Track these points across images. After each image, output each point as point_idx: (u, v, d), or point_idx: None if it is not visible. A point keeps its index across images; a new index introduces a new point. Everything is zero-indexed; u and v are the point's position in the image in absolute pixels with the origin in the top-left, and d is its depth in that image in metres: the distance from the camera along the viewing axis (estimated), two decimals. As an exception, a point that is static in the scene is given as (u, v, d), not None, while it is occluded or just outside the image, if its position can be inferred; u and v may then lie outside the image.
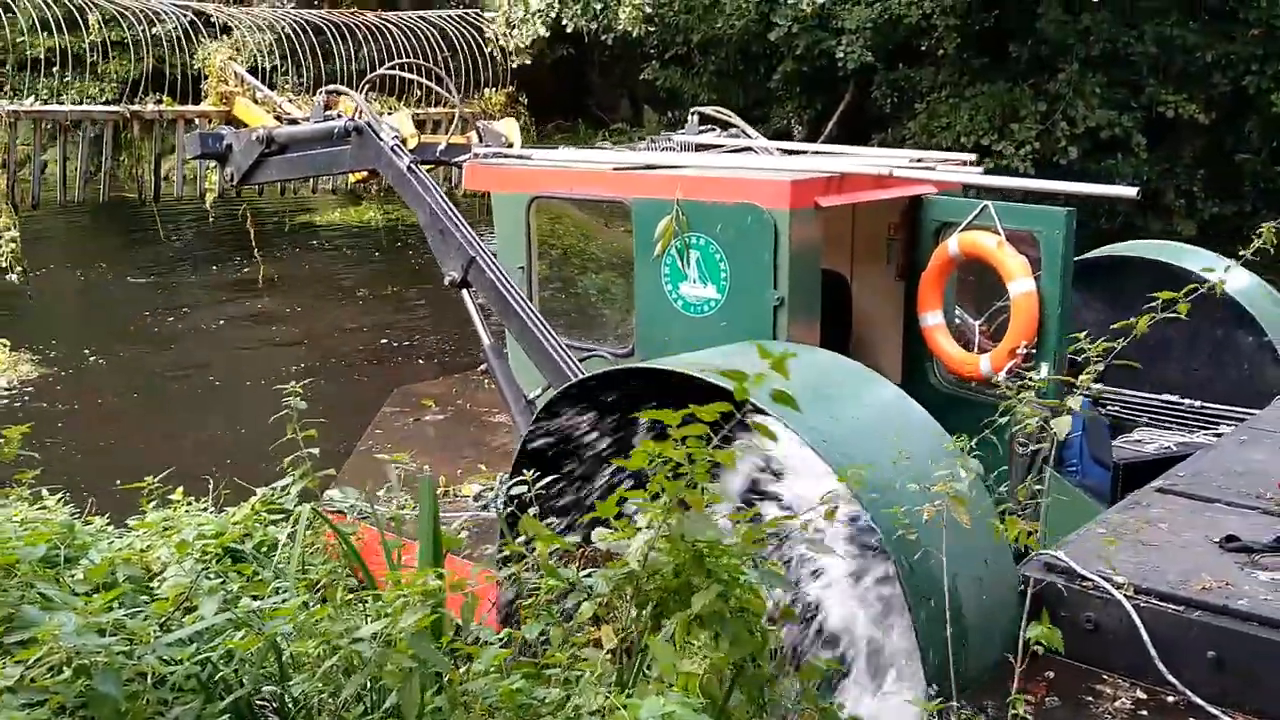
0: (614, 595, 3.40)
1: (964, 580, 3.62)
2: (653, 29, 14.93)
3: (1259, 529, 4.16)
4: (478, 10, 23.65)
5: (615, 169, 6.12)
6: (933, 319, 5.73)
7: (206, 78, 12.79)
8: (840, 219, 6.31)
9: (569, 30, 14.48)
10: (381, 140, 6.81)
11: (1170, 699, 3.53)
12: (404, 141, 7.16)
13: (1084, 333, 4.33)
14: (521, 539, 3.60)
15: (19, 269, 11.82)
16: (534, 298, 6.42)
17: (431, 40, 14.60)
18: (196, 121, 12.29)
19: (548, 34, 13.92)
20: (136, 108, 12.23)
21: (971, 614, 3.64)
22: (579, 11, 13.60)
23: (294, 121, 8.06)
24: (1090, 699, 3.59)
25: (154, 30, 13.79)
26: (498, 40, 14.72)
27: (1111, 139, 17.41)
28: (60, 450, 9.76)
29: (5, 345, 12.89)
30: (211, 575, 3.74)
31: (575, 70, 25.55)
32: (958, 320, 6.28)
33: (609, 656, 3.22)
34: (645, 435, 4.48)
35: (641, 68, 23.10)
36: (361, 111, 7.08)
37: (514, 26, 13.97)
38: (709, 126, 7.54)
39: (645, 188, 5.78)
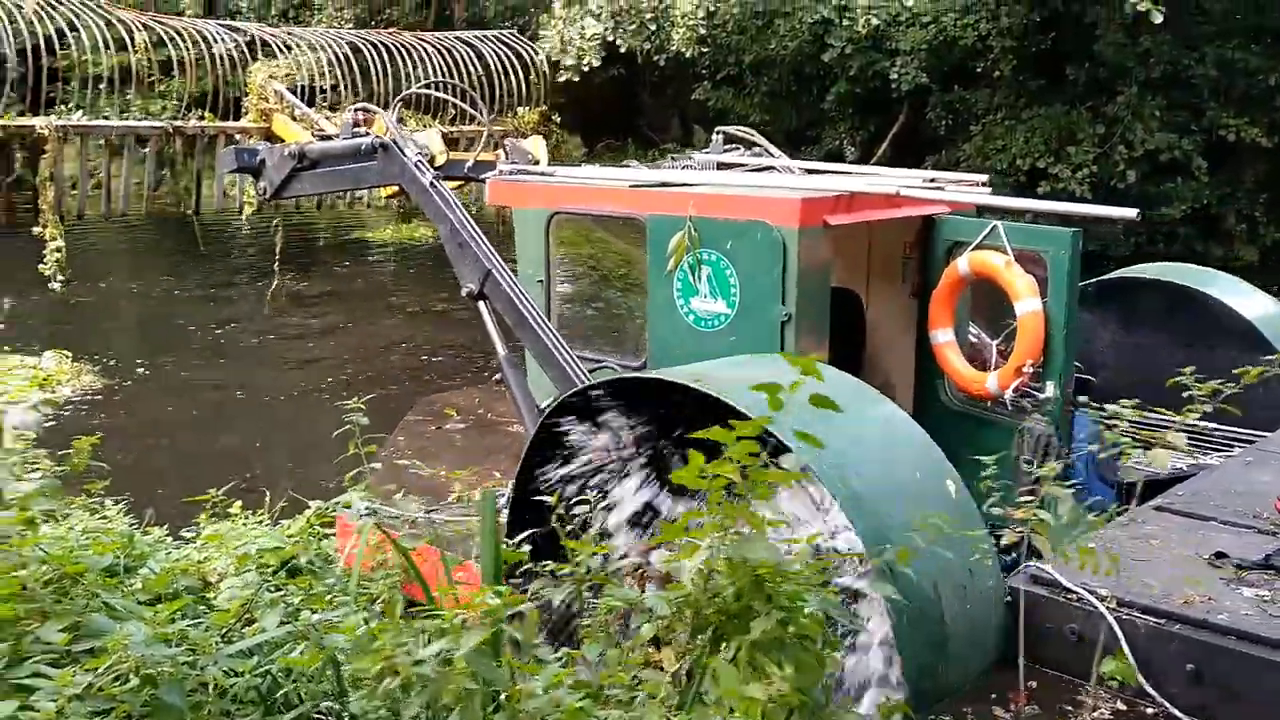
0: (674, 618, 3.37)
1: (946, 589, 3.65)
2: (705, 50, 14.96)
3: (1250, 547, 4.21)
4: (515, 32, 24.07)
5: (631, 186, 6.24)
6: (943, 337, 5.78)
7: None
8: (856, 238, 6.37)
9: (622, 50, 14.53)
10: (405, 156, 7.02)
11: (1149, 710, 3.57)
12: (433, 158, 7.40)
13: (1190, 369, 4.31)
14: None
15: (60, 278, 11.95)
16: (552, 311, 6.56)
17: (468, 60, 14.82)
18: (238, 137, 12.53)
19: (603, 54, 13.95)
20: (180, 123, 12.50)
21: (954, 622, 3.68)
22: (633, 32, 13.62)
23: (327, 138, 8.17)
24: (1070, 708, 3.62)
25: (214, 50, 14.11)
26: (550, 59, 14.81)
27: (1171, 162, 17.17)
28: (116, 459, 9.89)
29: (67, 356, 13.11)
30: (271, 588, 3.75)
31: (626, 90, 25.67)
32: (974, 339, 6.32)
33: (669, 679, 3.19)
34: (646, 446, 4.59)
35: (693, 88, 23.13)
36: (388, 129, 7.31)
37: (568, 46, 14.03)
38: (733, 146, 7.68)
39: (659, 204, 5.90)
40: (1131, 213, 5.44)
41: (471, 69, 14.86)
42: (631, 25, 13.55)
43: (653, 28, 13.63)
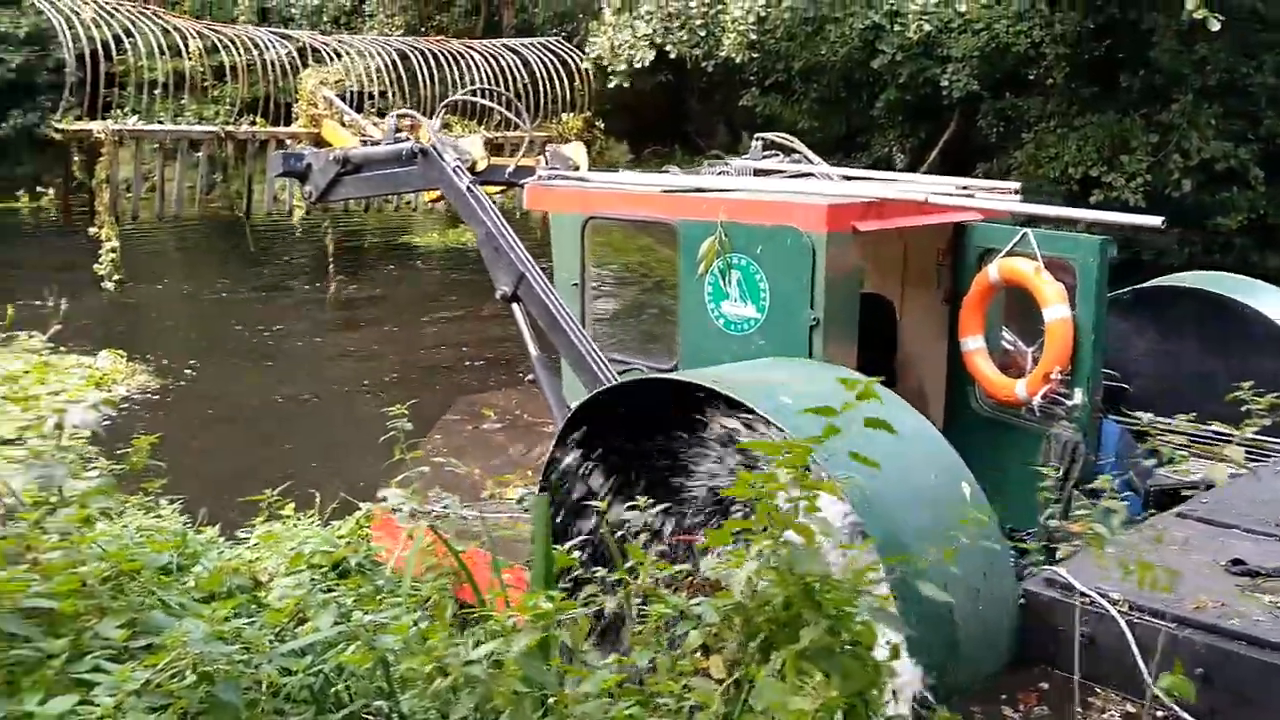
0: (723, 625, 3.36)
1: (958, 591, 3.66)
2: (755, 55, 14.93)
3: (1270, 555, 4.21)
4: (563, 39, 24.20)
5: (663, 191, 6.34)
6: (973, 343, 5.79)
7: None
8: (890, 244, 6.41)
9: (672, 56, 14.54)
10: (444, 162, 7.20)
11: (1159, 714, 3.58)
12: (475, 164, 7.55)
13: (1248, 384, 4.26)
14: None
15: (116, 277, 12.16)
16: (587, 314, 6.65)
17: (514, 67, 14.94)
18: (288, 142, 12.69)
19: (653, 57, 13.97)
20: (231, 128, 12.69)
21: (966, 623, 3.73)
22: (684, 37, 13.63)
23: (373, 143, 8.28)
24: (1079, 710, 3.64)
25: (265, 56, 14.32)
26: (599, 64, 14.86)
27: (1227, 171, 16.91)
28: (170, 459, 10.02)
29: (122, 356, 13.33)
30: (323, 589, 3.78)
31: (674, 96, 25.68)
32: (1010, 345, 6.31)
33: (719, 687, 3.18)
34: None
35: (741, 94, 23.10)
36: (429, 135, 7.51)
37: (618, 51, 14.06)
38: (773, 152, 7.71)
39: (691, 210, 5.97)
40: (1157, 220, 5.42)
41: (517, 75, 14.99)
42: (681, 31, 13.55)
43: (702, 33, 13.62)
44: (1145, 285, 7.00)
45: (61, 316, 11.32)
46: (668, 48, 13.97)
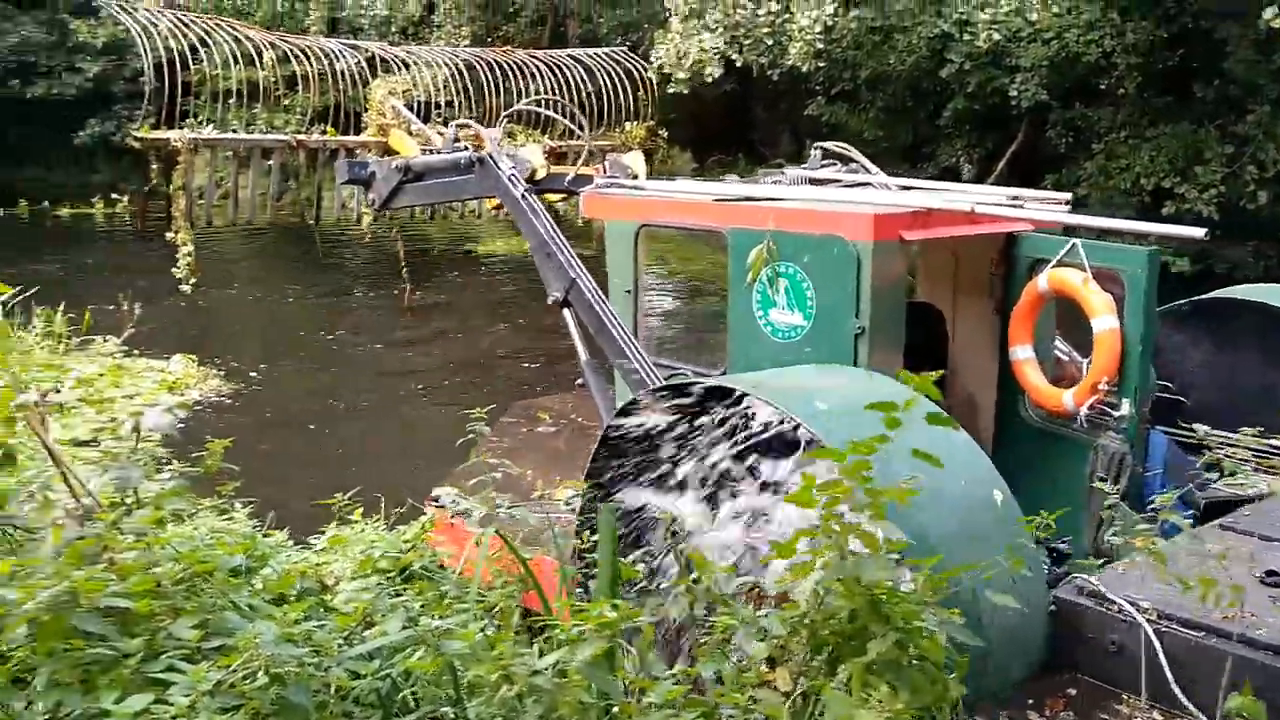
0: (789, 637, 3.34)
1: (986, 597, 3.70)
2: (821, 64, 14.87)
3: None
4: (627, 48, 24.31)
5: (714, 200, 6.39)
6: (1022, 353, 5.79)
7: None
8: (943, 254, 6.49)
9: (738, 64, 14.53)
10: (500, 170, 7.38)
11: None
12: (534, 172, 7.74)
13: None
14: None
15: (192, 280, 12.61)
16: (639, 319, 6.75)
17: (578, 77, 15.07)
18: (357, 151, 12.87)
19: (720, 68, 13.97)
20: (302, 137, 12.90)
21: (994, 628, 3.75)
22: (750, 46, 13.61)
23: (434, 152, 8.53)
24: (1105, 716, 3.70)
25: (336, 66, 14.59)
26: (663, 73, 14.89)
27: (1305, 183, 16.52)
28: (241, 461, 10.18)
29: (194, 360, 13.59)
30: (390, 593, 3.81)
31: (739, 105, 25.65)
32: (1065, 356, 6.37)
33: (785, 700, 3.15)
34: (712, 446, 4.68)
35: (806, 103, 23.00)
36: (487, 143, 7.67)
37: (683, 60, 14.08)
38: (831, 161, 7.77)
39: (740, 218, 6.03)
40: (1199, 232, 5.45)
41: (581, 85, 15.10)
42: (748, 40, 13.52)
43: (769, 42, 13.58)
44: (1203, 297, 6.90)
45: (135, 321, 11.56)
46: (734, 57, 13.96)
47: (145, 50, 13.06)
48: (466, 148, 8.03)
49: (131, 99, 13.66)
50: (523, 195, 7.23)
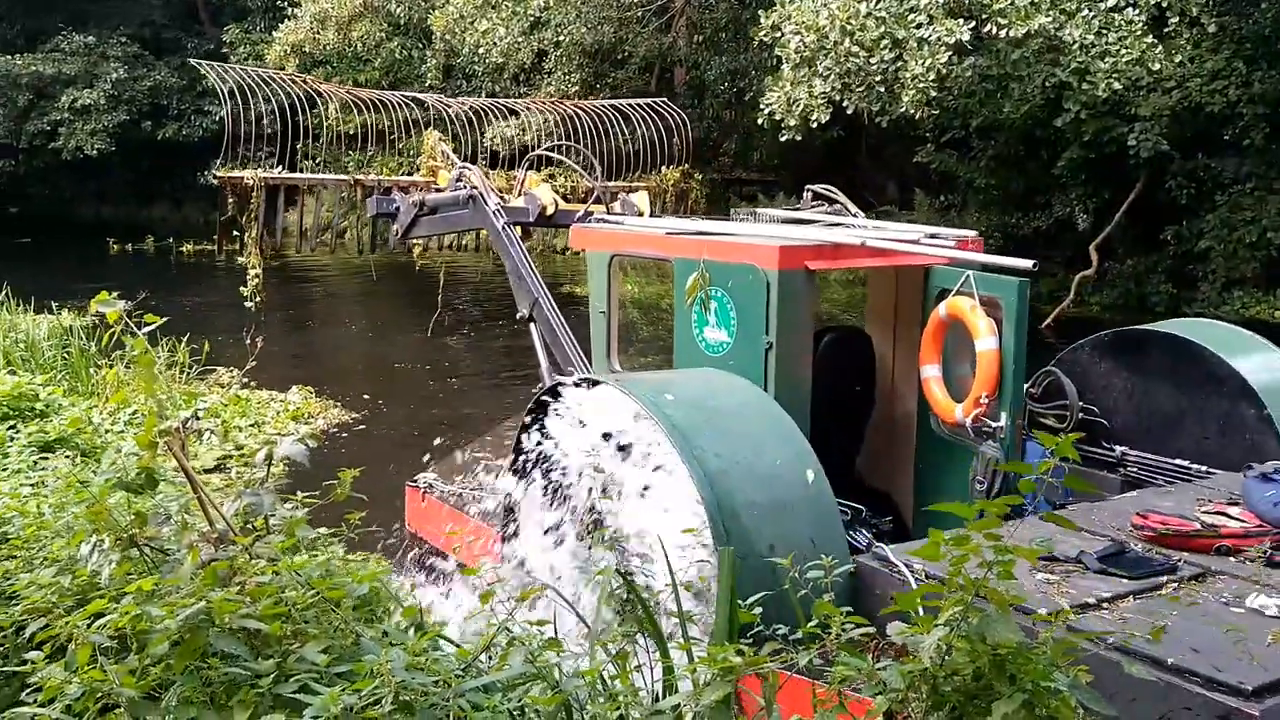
0: (908, 692, 3.27)
1: (782, 552, 4.41)
2: (935, 112, 14.79)
3: (1086, 550, 5.01)
4: (734, 94, 24.53)
5: (666, 234, 7.27)
6: (928, 371, 6.47)
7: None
8: (885, 285, 7.47)
9: (849, 111, 14.52)
10: (487, 206, 8.69)
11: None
12: (544, 208, 9.01)
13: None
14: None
15: (258, 298, 13.35)
16: (611, 337, 7.55)
17: (620, 125, 15.71)
18: (409, 190, 13.44)
19: (828, 115, 13.99)
20: (360, 176, 13.53)
21: (789, 580, 4.29)
22: (863, 93, 13.60)
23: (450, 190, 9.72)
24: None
25: (449, 111, 15.26)
26: (774, 119, 14.98)
27: None
28: (364, 490, 10.37)
29: (311, 392, 14.01)
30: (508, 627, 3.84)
31: (845, 152, 25.55)
32: None
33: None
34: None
35: (914, 150, 22.84)
36: (477, 182, 9.02)
37: (793, 106, 14.13)
38: (819, 202, 8.56)
39: (683, 249, 6.87)
40: (1027, 263, 6.18)
41: (619, 132, 15.81)
42: (860, 87, 13.52)
43: (881, 89, 13.56)
44: (1125, 329, 7.72)
45: (256, 354, 11.95)
46: (845, 103, 13.96)
47: (225, 99, 13.94)
48: (463, 186, 9.25)
49: (253, 141, 14.51)
50: (503, 227, 8.48)
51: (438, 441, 9.65)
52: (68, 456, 7.77)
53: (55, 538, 4.20)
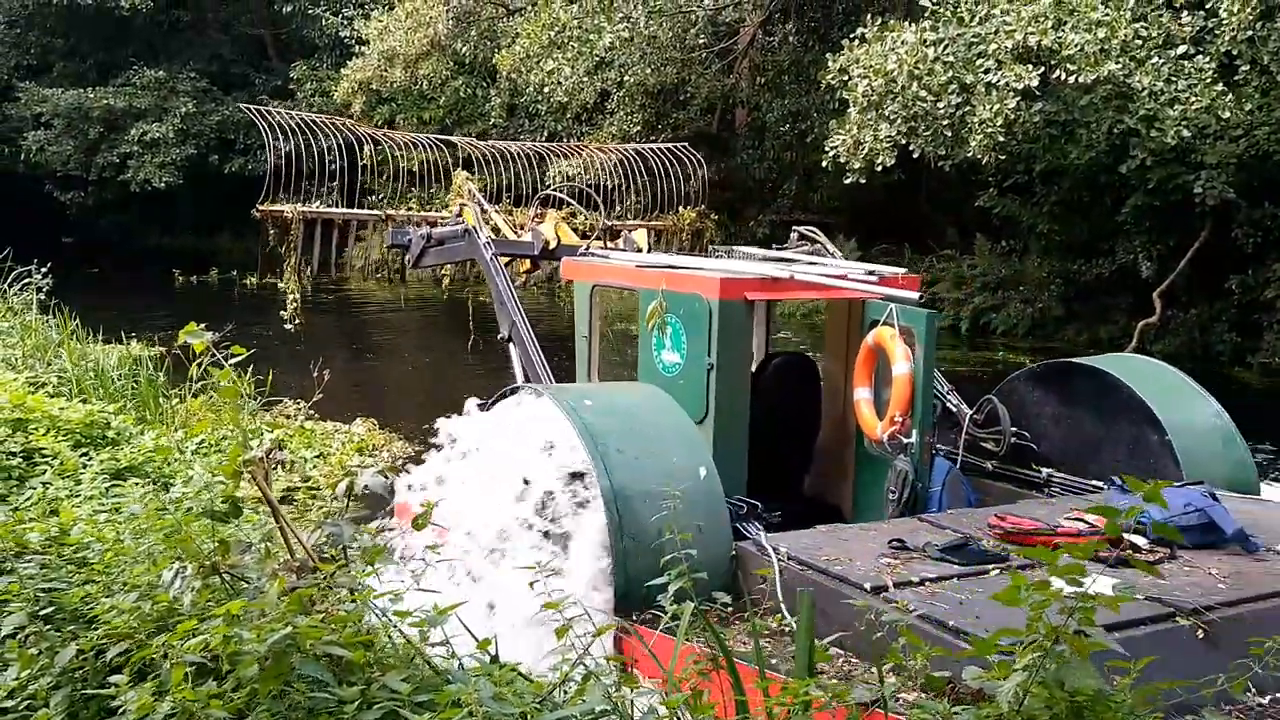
0: (985, 737, 3.24)
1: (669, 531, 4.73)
2: (1002, 157, 14.75)
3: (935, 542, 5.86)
4: (795, 136, 24.66)
5: (636, 266, 7.97)
6: (859, 394, 7.23)
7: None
8: (840, 317, 8.18)
9: (915, 155, 14.51)
10: (478, 238, 9.49)
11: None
12: (548, 242, 9.65)
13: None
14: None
15: (298, 320, 14.13)
16: (593, 359, 8.28)
17: (639, 167, 16.03)
18: (421, 224, 13.83)
19: (893, 158, 14.00)
20: (392, 212, 13.94)
21: (696, 562, 4.60)
22: (929, 137, 13.60)
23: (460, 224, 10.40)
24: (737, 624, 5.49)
25: (510, 152, 15.71)
26: (838, 162, 15.01)
27: None
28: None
29: (375, 423, 14.18)
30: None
31: (906, 195, 25.49)
32: (954, 407, 8.14)
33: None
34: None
35: (976, 195, 22.73)
36: (471, 217, 9.76)
37: (858, 149, 14.15)
38: (803, 242, 9.33)
39: (647, 280, 7.56)
40: (914, 295, 7.22)
41: (638, 174, 16.07)
42: (927, 131, 13.52)
43: (948, 133, 13.55)
44: (1053, 361, 8.63)
45: (322, 387, 12.14)
46: (911, 147, 13.95)
47: (268, 141, 14.41)
48: (460, 221, 10.05)
49: (311, 177, 15.10)
50: (491, 258, 9.29)
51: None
52: (137, 483, 7.93)
53: (134, 563, 4.27)
